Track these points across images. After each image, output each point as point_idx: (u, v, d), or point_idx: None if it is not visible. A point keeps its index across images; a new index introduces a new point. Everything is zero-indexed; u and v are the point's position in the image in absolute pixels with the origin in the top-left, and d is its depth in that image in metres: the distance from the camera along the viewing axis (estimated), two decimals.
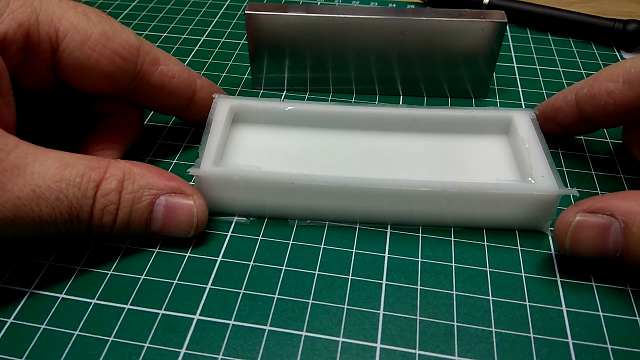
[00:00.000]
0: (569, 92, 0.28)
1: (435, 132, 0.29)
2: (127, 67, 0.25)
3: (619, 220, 0.21)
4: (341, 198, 0.24)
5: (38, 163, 0.20)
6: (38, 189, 0.20)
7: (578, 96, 0.27)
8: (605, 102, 0.26)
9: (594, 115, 0.27)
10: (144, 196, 0.23)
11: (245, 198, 0.25)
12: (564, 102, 0.28)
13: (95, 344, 0.21)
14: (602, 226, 0.22)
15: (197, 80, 0.28)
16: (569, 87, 0.28)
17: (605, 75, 0.26)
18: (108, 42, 0.24)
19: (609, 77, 0.26)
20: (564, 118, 0.28)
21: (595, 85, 0.26)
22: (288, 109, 0.28)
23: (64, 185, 0.21)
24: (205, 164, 0.24)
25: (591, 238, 0.22)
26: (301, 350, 0.21)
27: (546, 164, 0.25)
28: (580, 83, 0.28)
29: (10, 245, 0.24)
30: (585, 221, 0.22)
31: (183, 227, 0.24)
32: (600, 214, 0.22)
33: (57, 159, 0.21)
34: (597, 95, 0.26)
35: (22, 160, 0.20)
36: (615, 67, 0.26)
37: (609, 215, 0.22)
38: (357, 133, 0.28)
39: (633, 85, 0.25)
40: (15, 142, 0.20)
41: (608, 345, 0.21)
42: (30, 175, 0.20)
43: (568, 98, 0.28)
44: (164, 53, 0.27)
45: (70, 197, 0.21)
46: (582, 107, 0.27)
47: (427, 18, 0.30)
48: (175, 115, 0.29)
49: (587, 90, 0.27)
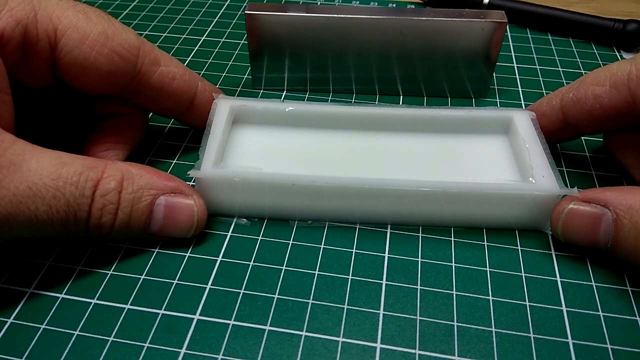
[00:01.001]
0: (554, 97, 0.28)
1: (435, 132, 0.29)
2: (126, 66, 0.25)
3: (611, 211, 0.22)
4: (341, 198, 0.24)
5: (35, 160, 0.20)
6: (34, 186, 0.20)
7: (563, 101, 0.27)
8: (591, 106, 0.25)
9: (580, 120, 0.26)
10: (144, 196, 0.23)
11: (245, 199, 0.25)
12: (549, 107, 0.28)
13: (95, 344, 0.21)
14: (594, 215, 0.22)
15: (198, 83, 0.28)
16: (554, 92, 0.28)
17: (591, 80, 0.26)
18: (107, 42, 0.24)
19: (595, 81, 0.25)
20: (548, 124, 0.28)
21: (582, 90, 0.26)
22: (289, 110, 0.28)
23: (61, 184, 0.20)
24: (206, 165, 0.24)
25: (582, 226, 0.23)
26: (301, 350, 0.21)
27: (547, 164, 0.25)
28: (565, 88, 0.27)
29: (10, 245, 0.24)
30: (577, 209, 0.23)
31: (183, 227, 0.24)
32: (594, 203, 0.23)
33: (55, 157, 0.21)
34: (583, 99, 0.26)
35: (19, 157, 0.20)
36: (601, 70, 0.26)
37: (602, 206, 0.22)
38: (358, 133, 0.28)
39: (620, 90, 0.24)
40: (13, 140, 0.20)
41: (608, 345, 0.21)
42: (27, 172, 0.20)
43: (553, 103, 0.27)
44: (165, 54, 0.27)
45: (68, 196, 0.21)
46: (567, 111, 0.27)
47: (427, 18, 0.30)
48: (175, 118, 0.29)
49: (572, 94, 0.26)
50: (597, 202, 0.22)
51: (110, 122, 0.27)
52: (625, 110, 0.25)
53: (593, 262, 0.24)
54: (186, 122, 0.29)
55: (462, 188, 0.24)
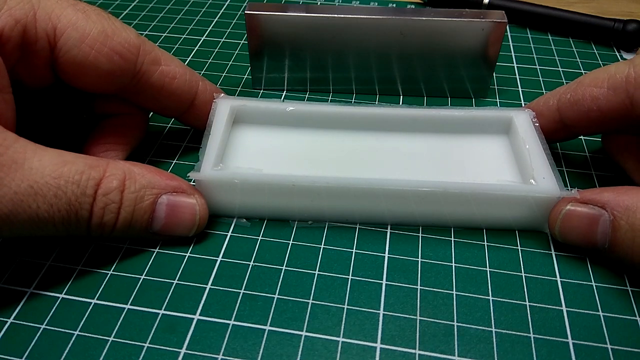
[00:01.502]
0: (551, 97, 0.27)
1: (435, 132, 0.29)
2: (126, 66, 0.24)
3: (608, 212, 0.22)
4: (342, 199, 0.24)
5: (37, 159, 0.20)
6: (36, 185, 0.20)
7: (561, 101, 0.27)
8: (588, 108, 0.25)
9: (576, 121, 0.26)
10: (146, 195, 0.23)
11: (245, 200, 0.25)
12: (546, 106, 0.27)
13: (95, 344, 0.21)
14: (591, 217, 0.23)
15: (199, 83, 0.28)
16: (551, 92, 0.28)
17: (589, 81, 0.26)
18: (107, 40, 0.24)
19: (593, 83, 0.25)
20: (545, 123, 0.27)
21: (579, 91, 0.26)
22: (289, 110, 0.28)
23: (62, 182, 0.20)
24: (205, 167, 0.24)
25: (579, 227, 0.23)
26: (301, 350, 0.21)
27: (547, 164, 0.25)
28: (562, 88, 0.27)
29: (10, 245, 0.24)
30: (574, 211, 0.23)
31: (185, 225, 0.24)
32: (592, 205, 0.23)
33: (56, 156, 0.21)
34: (581, 101, 0.25)
35: (21, 155, 0.20)
36: (599, 72, 0.26)
37: (599, 207, 0.22)
38: (358, 133, 0.28)
39: (618, 92, 0.24)
40: (14, 138, 0.20)
41: (608, 345, 0.21)
42: (29, 171, 0.20)
43: (550, 103, 0.27)
44: (166, 54, 0.27)
45: (69, 195, 0.21)
46: (564, 112, 0.26)
47: (427, 18, 0.30)
48: (176, 118, 0.29)
49: (570, 95, 0.26)
50: (594, 204, 0.23)
51: (110, 122, 0.27)
52: (623, 113, 0.25)
53: (593, 262, 0.24)
54: (187, 122, 0.29)
55: (463, 188, 0.24)
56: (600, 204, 0.22)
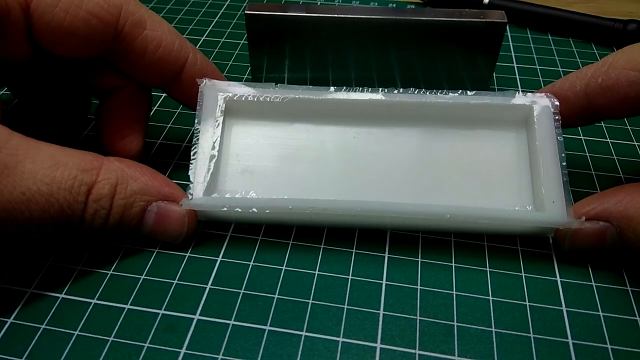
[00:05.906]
0: (578, 80, 0.24)
1: (437, 130, 0.26)
2: (105, 29, 0.23)
3: (614, 225, 0.22)
4: (341, 219, 0.24)
5: (29, 160, 0.20)
6: (28, 192, 0.20)
7: (590, 87, 0.24)
8: (625, 94, 0.23)
9: (609, 108, 0.24)
10: (136, 202, 0.22)
11: (240, 218, 0.25)
12: (572, 92, 0.24)
13: (95, 344, 0.21)
14: (598, 232, 0.23)
15: (189, 55, 0.25)
16: (575, 73, 0.25)
17: (624, 63, 0.23)
18: (82, 3, 0.22)
19: (630, 65, 0.23)
20: (568, 110, 0.25)
21: (613, 75, 0.23)
22: (285, 100, 0.26)
23: (55, 189, 0.20)
24: (197, 191, 0.24)
25: (589, 242, 0.23)
26: (301, 350, 0.21)
27: (560, 183, 0.23)
28: (589, 70, 0.24)
29: (10, 245, 0.24)
30: (581, 230, 0.23)
31: (172, 234, 0.23)
32: (596, 220, 0.23)
33: (49, 156, 0.20)
34: (615, 86, 0.23)
35: (13, 158, 0.20)
36: (634, 52, 0.23)
37: (604, 222, 0.22)
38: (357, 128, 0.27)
39: None
40: (6, 137, 0.20)
41: (608, 345, 0.21)
42: (20, 175, 0.20)
43: (577, 88, 0.24)
44: (155, 16, 0.25)
45: (61, 201, 0.20)
46: (594, 99, 0.24)
47: (427, 18, 0.30)
48: (162, 90, 0.27)
49: (601, 80, 0.23)
50: (598, 219, 0.22)
51: (114, 103, 0.26)
52: None
53: (593, 262, 0.24)
54: (174, 98, 0.27)
55: (467, 215, 0.23)
56: (604, 218, 0.22)
